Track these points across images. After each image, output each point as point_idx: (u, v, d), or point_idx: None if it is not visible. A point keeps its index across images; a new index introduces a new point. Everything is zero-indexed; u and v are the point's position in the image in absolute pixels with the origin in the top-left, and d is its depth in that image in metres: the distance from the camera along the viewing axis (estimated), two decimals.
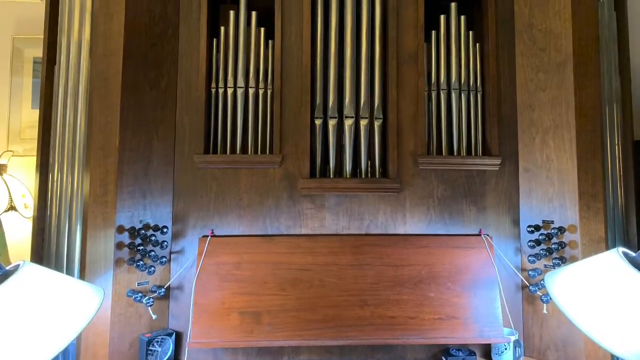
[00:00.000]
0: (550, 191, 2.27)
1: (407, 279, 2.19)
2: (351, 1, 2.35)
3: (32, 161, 2.64)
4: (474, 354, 2.17)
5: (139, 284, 2.14)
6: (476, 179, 2.35)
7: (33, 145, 2.75)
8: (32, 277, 1.44)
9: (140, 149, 2.19)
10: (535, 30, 2.35)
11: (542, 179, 2.29)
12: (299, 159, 2.31)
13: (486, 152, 2.39)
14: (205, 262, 2.18)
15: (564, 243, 2.19)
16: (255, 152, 2.37)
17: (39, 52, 2.79)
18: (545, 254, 2.19)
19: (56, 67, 2.37)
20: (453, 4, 2.44)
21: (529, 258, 2.22)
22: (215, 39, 2.41)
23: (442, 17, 2.45)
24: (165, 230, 2.22)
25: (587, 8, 2.26)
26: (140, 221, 2.17)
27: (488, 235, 2.29)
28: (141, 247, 2.12)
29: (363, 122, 2.31)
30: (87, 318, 1.41)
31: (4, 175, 2.76)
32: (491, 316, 2.13)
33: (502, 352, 2.17)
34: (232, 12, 2.38)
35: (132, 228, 2.12)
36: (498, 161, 2.34)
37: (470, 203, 2.34)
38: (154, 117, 2.25)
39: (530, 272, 2.22)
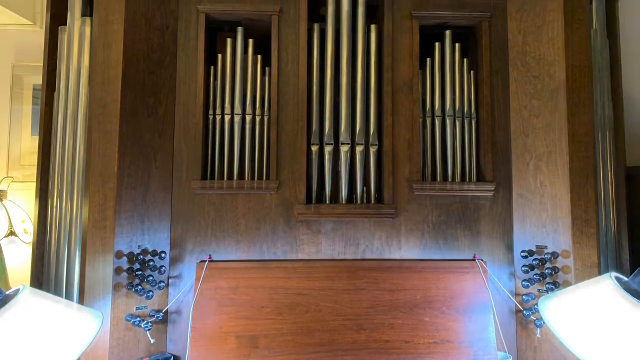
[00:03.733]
0: (543, 216, 2.37)
1: (402, 303, 2.29)
2: (347, 29, 2.44)
3: (31, 187, 2.75)
4: None
5: (137, 308, 2.22)
6: (470, 205, 2.46)
7: (33, 172, 2.87)
8: (32, 301, 1.53)
9: (138, 175, 2.28)
10: (529, 58, 2.45)
11: (535, 204, 2.40)
12: (295, 185, 2.41)
13: (480, 178, 2.50)
14: (203, 286, 2.27)
15: (557, 268, 2.28)
16: (252, 178, 2.47)
17: (38, 79, 2.89)
18: (539, 279, 2.28)
19: (56, 94, 2.48)
20: (447, 32, 2.54)
21: (523, 283, 2.32)
22: (212, 67, 2.50)
23: (437, 45, 2.55)
24: (163, 255, 2.30)
25: (579, 36, 2.36)
26: (139, 246, 2.26)
27: (482, 260, 2.39)
28: (139, 272, 2.20)
29: (359, 149, 2.41)
30: (86, 342, 1.50)
31: (4, 201, 2.85)
32: (485, 340, 2.23)
33: None
34: (229, 40, 2.48)
35: (131, 253, 2.20)
36: (492, 187, 2.44)
37: (465, 228, 2.45)
38: (152, 144, 2.34)
39: (524, 297, 2.32)
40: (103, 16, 2.28)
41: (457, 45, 2.54)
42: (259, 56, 2.51)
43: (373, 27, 2.49)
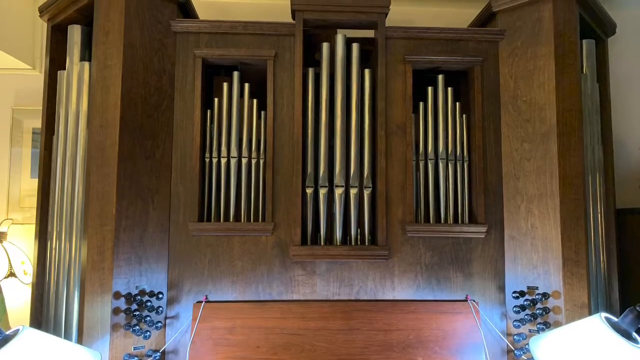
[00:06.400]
0: (534, 258, 2.44)
1: (396, 343, 2.36)
2: (341, 73, 2.52)
3: (31, 229, 2.82)
4: None
5: (135, 348, 2.28)
6: (463, 246, 2.53)
7: (32, 214, 2.96)
8: (32, 341, 1.61)
9: (136, 217, 2.35)
10: (520, 102, 2.53)
11: (527, 246, 2.47)
12: (290, 227, 2.48)
13: (472, 220, 2.57)
14: (200, 327, 2.34)
15: (548, 308, 2.35)
16: (248, 220, 2.54)
17: (38, 123, 2.95)
18: (530, 319, 2.35)
19: (55, 137, 2.54)
20: (440, 77, 2.62)
21: (514, 323, 2.39)
22: (209, 110, 2.57)
23: (430, 89, 2.63)
24: (160, 296, 2.36)
25: (570, 80, 2.44)
26: (136, 287, 2.33)
27: (474, 301, 2.46)
28: (137, 313, 2.26)
29: (353, 191, 2.48)
30: None
31: (4, 243, 2.90)
32: None
33: None
34: (225, 84, 2.55)
35: (129, 294, 2.27)
36: (484, 229, 2.51)
37: (457, 269, 2.52)
38: (150, 186, 2.41)
39: (515, 337, 2.39)
40: (102, 61, 2.36)
41: (449, 89, 2.62)
42: (255, 100, 2.58)
43: (367, 71, 2.56)
